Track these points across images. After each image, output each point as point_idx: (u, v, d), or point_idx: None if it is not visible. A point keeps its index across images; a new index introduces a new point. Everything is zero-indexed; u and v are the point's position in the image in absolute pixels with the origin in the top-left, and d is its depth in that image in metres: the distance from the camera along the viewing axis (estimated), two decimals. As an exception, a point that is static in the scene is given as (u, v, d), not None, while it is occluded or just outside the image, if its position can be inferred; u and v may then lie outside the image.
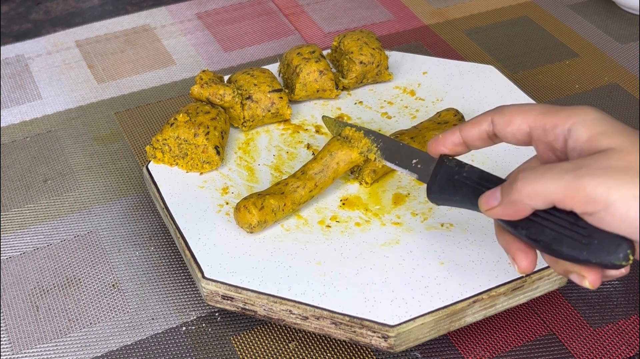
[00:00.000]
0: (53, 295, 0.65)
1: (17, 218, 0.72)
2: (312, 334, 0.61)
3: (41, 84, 0.89)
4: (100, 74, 0.90)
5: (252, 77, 0.73)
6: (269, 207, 0.61)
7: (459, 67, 0.79)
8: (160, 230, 0.70)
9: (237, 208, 0.61)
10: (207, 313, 0.63)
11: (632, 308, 0.62)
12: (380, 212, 0.64)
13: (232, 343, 0.61)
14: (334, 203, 0.65)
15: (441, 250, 0.61)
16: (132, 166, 0.77)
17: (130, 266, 0.67)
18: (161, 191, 0.66)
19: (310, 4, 1.02)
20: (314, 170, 0.64)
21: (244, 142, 0.72)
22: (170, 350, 0.60)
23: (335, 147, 0.64)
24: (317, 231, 0.63)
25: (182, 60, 0.92)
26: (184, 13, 1.01)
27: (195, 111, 0.69)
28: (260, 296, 0.58)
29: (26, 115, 0.84)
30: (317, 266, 0.60)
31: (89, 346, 0.61)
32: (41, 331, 0.62)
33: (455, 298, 0.57)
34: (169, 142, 0.67)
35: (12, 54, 0.94)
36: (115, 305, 0.64)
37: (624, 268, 0.45)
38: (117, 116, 0.84)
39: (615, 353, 0.59)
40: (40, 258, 0.68)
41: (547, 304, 0.63)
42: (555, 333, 0.61)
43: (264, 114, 0.72)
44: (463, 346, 0.60)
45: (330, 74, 0.75)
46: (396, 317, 0.56)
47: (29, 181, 0.76)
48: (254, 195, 0.62)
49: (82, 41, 0.96)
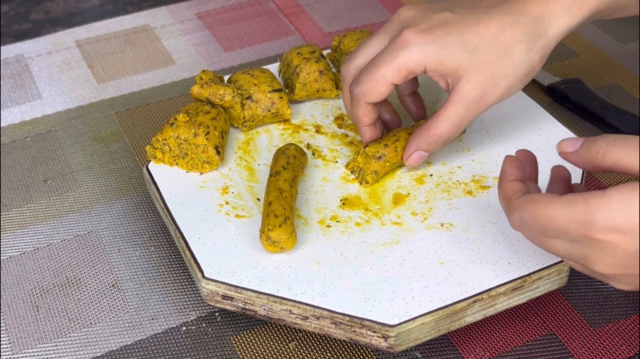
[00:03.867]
0: (53, 295, 0.65)
1: (17, 218, 0.72)
2: (312, 334, 0.61)
3: (41, 84, 0.89)
4: (100, 74, 0.90)
5: (252, 77, 0.73)
6: (291, 222, 0.61)
7: (459, 67, 0.79)
8: (160, 230, 0.70)
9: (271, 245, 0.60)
10: (207, 313, 0.63)
11: (632, 308, 0.62)
12: (380, 212, 0.64)
13: (232, 343, 0.61)
14: (334, 203, 0.65)
15: (441, 250, 0.61)
16: (132, 166, 0.77)
17: (130, 266, 0.67)
18: (161, 191, 0.66)
19: (310, 4, 1.02)
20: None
21: (244, 142, 0.72)
22: (170, 350, 0.60)
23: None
24: (317, 231, 0.63)
25: (182, 60, 0.92)
26: (184, 13, 1.01)
27: (195, 111, 0.69)
28: (260, 296, 0.58)
29: (26, 115, 0.84)
30: (317, 266, 0.60)
31: (89, 346, 0.61)
32: (41, 331, 0.62)
33: (455, 298, 0.57)
34: (169, 141, 0.67)
35: (12, 53, 0.94)
36: (115, 305, 0.64)
37: None
38: (117, 116, 0.84)
39: (615, 353, 0.59)
40: (40, 258, 0.68)
41: (547, 304, 0.63)
42: (555, 333, 0.61)
43: (264, 114, 0.72)
44: (463, 346, 0.60)
45: (330, 74, 0.75)
46: (396, 317, 0.56)
47: (29, 181, 0.76)
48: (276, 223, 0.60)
49: (82, 41, 0.96)
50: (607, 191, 0.46)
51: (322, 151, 0.71)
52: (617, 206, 0.46)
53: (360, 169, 0.67)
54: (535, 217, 0.49)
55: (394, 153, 0.66)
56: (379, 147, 0.66)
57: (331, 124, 0.74)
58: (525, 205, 0.50)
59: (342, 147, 0.71)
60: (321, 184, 0.67)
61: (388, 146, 0.66)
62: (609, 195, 0.46)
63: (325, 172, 0.69)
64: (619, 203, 0.46)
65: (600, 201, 0.46)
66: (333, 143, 0.71)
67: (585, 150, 0.50)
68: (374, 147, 0.66)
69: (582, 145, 0.51)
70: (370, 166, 0.66)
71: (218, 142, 0.68)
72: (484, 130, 0.71)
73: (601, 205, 0.46)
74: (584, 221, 0.47)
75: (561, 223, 0.48)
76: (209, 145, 0.67)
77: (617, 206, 0.46)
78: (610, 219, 0.46)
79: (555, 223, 0.48)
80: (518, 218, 0.51)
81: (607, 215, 0.46)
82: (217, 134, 0.68)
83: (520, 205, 0.51)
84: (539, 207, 0.49)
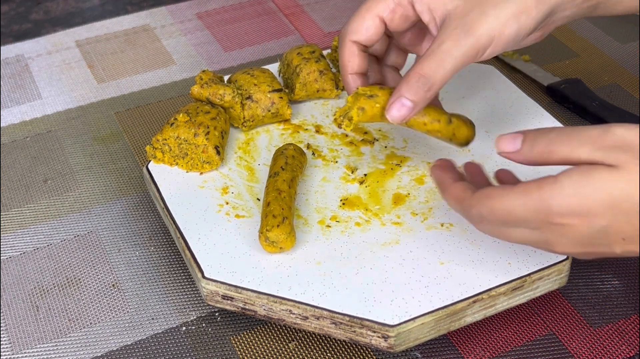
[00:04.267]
0: (53, 295, 0.65)
1: (17, 218, 0.72)
2: (312, 334, 0.61)
3: (41, 84, 0.89)
4: (100, 74, 0.90)
5: (252, 77, 0.73)
6: (289, 222, 0.61)
7: (459, 67, 0.79)
8: (160, 230, 0.70)
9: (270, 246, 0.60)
10: (207, 313, 0.63)
11: (632, 308, 0.62)
12: (380, 212, 0.64)
13: (232, 343, 0.61)
14: (334, 203, 0.65)
15: (441, 250, 0.61)
16: (132, 166, 0.77)
17: (130, 266, 0.67)
18: (161, 191, 0.66)
19: (310, 4, 1.02)
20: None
21: (244, 142, 0.72)
22: (170, 350, 0.60)
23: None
24: (317, 231, 0.63)
25: (182, 60, 0.92)
26: (184, 13, 1.01)
27: (195, 111, 0.69)
28: (260, 296, 0.58)
29: (26, 115, 0.84)
30: (317, 266, 0.60)
31: (89, 346, 0.61)
32: (41, 331, 0.62)
33: (455, 298, 0.57)
34: (169, 141, 0.67)
35: (12, 53, 0.94)
36: (115, 305, 0.64)
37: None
38: (117, 116, 0.84)
39: (615, 353, 0.59)
40: (40, 258, 0.68)
41: (547, 304, 0.63)
42: (555, 333, 0.61)
43: (264, 114, 0.72)
44: (463, 346, 0.60)
45: (330, 74, 0.75)
46: (396, 317, 0.56)
47: (29, 181, 0.76)
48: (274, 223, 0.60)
49: (82, 41, 0.96)
50: (558, 177, 0.48)
51: (322, 151, 0.71)
52: (569, 192, 0.47)
53: (346, 111, 0.59)
54: (493, 211, 0.50)
55: (388, 96, 0.58)
56: (373, 87, 0.59)
57: (331, 124, 0.74)
58: (481, 201, 0.51)
59: (342, 147, 0.71)
60: (321, 184, 0.67)
61: (384, 89, 0.59)
62: (560, 181, 0.48)
63: (325, 172, 0.69)
64: (570, 189, 0.47)
65: (552, 188, 0.48)
66: (333, 143, 0.71)
67: (529, 149, 0.51)
68: (367, 87, 0.59)
69: (523, 144, 0.51)
70: (359, 102, 0.58)
71: (218, 142, 0.68)
72: (484, 130, 0.71)
73: (554, 192, 0.48)
74: (541, 209, 0.48)
75: (520, 213, 0.49)
76: (209, 145, 0.67)
77: (570, 192, 0.47)
78: (566, 205, 0.48)
79: (514, 215, 0.49)
80: (477, 215, 0.52)
81: (562, 201, 0.48)
82: (217, 134, 0.68)
83: (476, 201, 0.51)
84: (496, 201, 0.50)
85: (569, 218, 0.48)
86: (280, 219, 0.60)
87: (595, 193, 0.47)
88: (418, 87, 0.56)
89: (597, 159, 0.47)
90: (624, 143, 0.47)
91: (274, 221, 0.60)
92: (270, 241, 0.59)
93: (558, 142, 0.49)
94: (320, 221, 0.64)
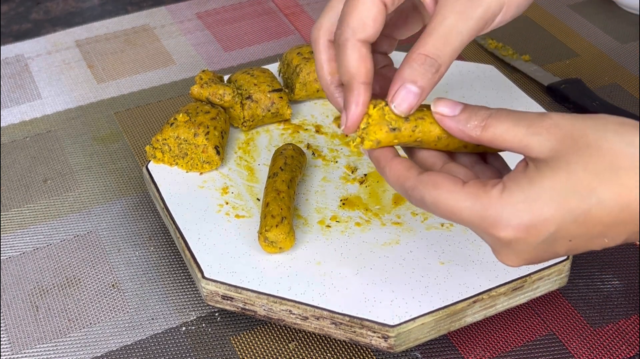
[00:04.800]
0: (53, 295, 0.65)
1: (17, 218, 0.72)
2: (312, 334, 0.61)
3: (41, 84, 0.89)
4: (100, 74, 0.90)
5: (252, 76, 0.73)
6: (288, 222, 0.61)
7: (459, 67, 0.79)
8: (160, 230, 0.70)
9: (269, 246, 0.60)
10: (207, 313, 0.63)
11: (632, 308, 0.62)
12: (380, 212, 0.64)
13: (232, 343, 0.61)
14: (334, 203, 0.65)
15: (441, 250, 0.61)
16: (132, 166, 0.77)
17: (130, 266, 0.67)
18: (161, 191, 0.66)
19: (310, 3, 1.02)
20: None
21: (244, 141, 0.72)
22: (170, 350, 0.60)
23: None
24: (317, 231, 0.63)
25: (182, 60, 0.92)
26: (184, 13, 1.01)
27: (195, 111, 0.69)
28: (260, 296, 0.58)
29: (26, 115, 0.84)
30: (317, 266, 0.60)
31: (89, 346, 0.61)
32: (41, 331, 0.62)
33: (455, 298, 0.57)
34: (168, 141, 0.67)
35: (12, 53, 0.94)
36: (115, 305, 0.64)
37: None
38: (117, 116, 0.84)
39: (615, 353, 0.59)
40: (40, 258, 0.68)
41: (547, 304, 0.63)
42: (555, 333, 0.61)
43: (264, 114, 0.72)
44: (463, 346, 0.60)
45: (330, 74, 0.75)
46: (396, 317, 0.56)
47: (28, 181, 0.76)
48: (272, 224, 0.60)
49: (82, 41, 0.96)
50: (506, 185, 0.45)
51: (322, 151, 0.71)
52: (519, 204, 0.44)
53: (366, 126, 0.50)
54: (437, 204, 0.47)
55: (409, 132, 0.49)
56: (399, 118, 0.49)
57: (331, 124, 0.74)
58: (427, 187, 0.47)
59: (342, 147, 0.71)
60: (321, 184, 0.67)
61: (409, 120, 0.49)
62: (508, 190, 0.45)
63: (325, 172, 0.69)
64: (519, 198, 0.44)
65: (500, 197, 0.45)
66: (333, 143, 0.71)
67: (466, 117, 0.47)
68: (394, 115, 0.49)
69: (462, 111, 0.47)
70: (379, 132, 0.49)
71: (218, 142, 0.68)
72: (484, 130, 0.71)
73: (503, 201, 0.44)
74: (488, 219, 0.45)
75: (464, 216, 0.46)
76: (208, 145, 0.67)
77: (520, 204, 0.44)
78: (515, 217, 0.44)
79: (458, 215, 0.46)
80: (419, 198, 0.47)
81: (511, 215, 0.44)
82: (217, 134, 0.68)
83: (421, 185, 0.47)
84: (442, 195, 0.46)
85: (516, 232, 0.45)
86: (279, 219, 0.60)
87: (544, 194, 0.44)
88: (425, 69, 0.48)
89: (530, 143, 0.45)
90: (558, 130, 0.44)
91: (273, 222, 0.60)
92: (270, 242, 0.59)
93: (495, 118, 0.46)
94: (320, 221, 0.64)
